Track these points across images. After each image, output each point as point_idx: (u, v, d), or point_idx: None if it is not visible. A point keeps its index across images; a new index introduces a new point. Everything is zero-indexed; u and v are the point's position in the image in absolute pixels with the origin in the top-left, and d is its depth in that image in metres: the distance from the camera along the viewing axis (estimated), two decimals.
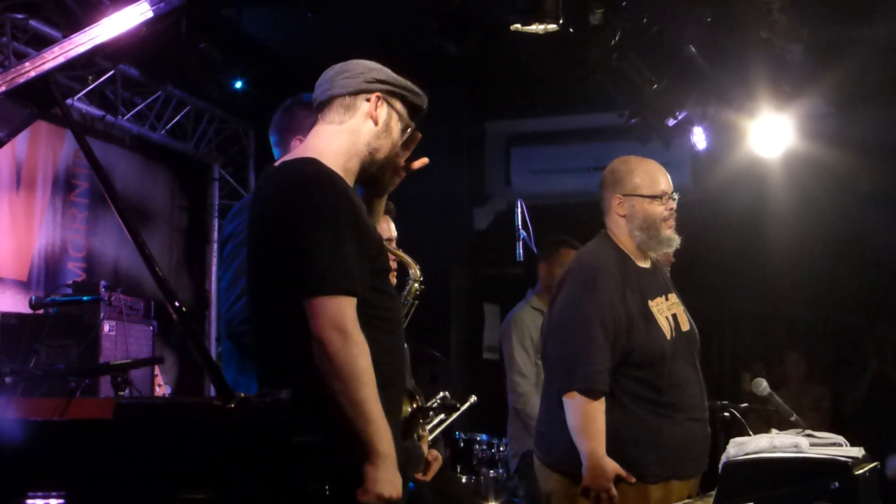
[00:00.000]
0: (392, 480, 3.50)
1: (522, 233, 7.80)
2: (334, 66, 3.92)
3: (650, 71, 8.63)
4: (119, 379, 5.66)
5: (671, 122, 9.12)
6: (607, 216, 5.33)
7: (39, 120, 7.92)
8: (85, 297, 7.50)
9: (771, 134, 9.61)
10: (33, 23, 8.22)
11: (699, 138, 9.97)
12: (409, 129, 3.95)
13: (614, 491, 4.84)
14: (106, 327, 7.49)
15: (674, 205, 5.22)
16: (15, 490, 3.03)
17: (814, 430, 4.72)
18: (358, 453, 3.47)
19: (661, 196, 5.19)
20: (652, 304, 5.14)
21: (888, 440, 8.25)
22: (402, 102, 3.92)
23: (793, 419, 5.20)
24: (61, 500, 2.99)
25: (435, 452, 5.29)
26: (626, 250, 5.23)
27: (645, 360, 5.01)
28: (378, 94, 3.85)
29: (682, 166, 10.19)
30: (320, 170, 3.69)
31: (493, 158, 12.42)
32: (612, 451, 4.90)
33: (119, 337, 7.55)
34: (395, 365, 3.76)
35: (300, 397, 3.09)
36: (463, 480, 8.27)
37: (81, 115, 9.31)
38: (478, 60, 9.29)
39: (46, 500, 2.99)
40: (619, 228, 5.26)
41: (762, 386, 5.35)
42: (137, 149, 10.41)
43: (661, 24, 8.34)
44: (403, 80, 3.93)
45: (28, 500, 2.99)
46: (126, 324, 7.62)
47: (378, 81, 3.86)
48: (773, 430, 4.80)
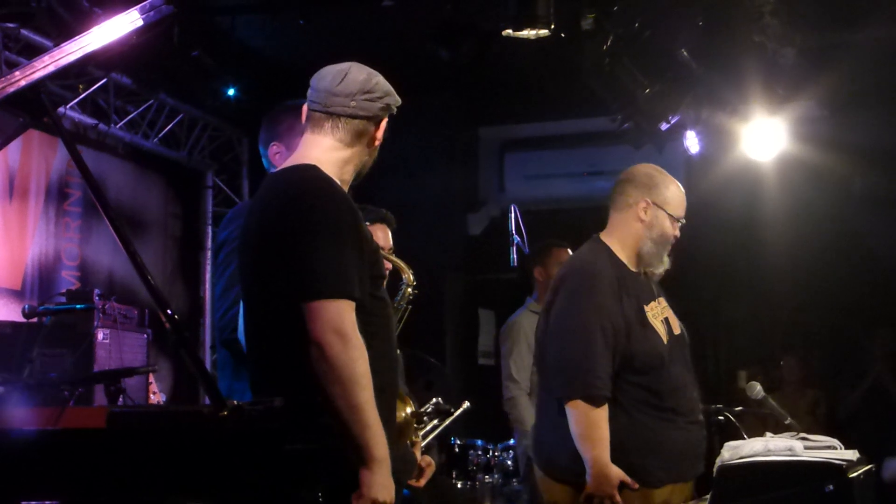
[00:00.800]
0: (387, 485, 3.50)
1: (516, 238, 7.79)
2: (351, 76, 3.84)
3: (643, 75, 8.64)
4: (113, 387, 5.66)
5: (664, 127, 9.12)
6: (620, 212, 5.26)
7: (32, 129, 7.92)
8: (79, 306, 7.49)
9: (764, 138, 9.62)
10: (25, 32, 8.22)
11: (692, 142, 9.97)
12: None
13: (619, 498, 4.82)
14: (100, 336, 7.48)
15: (678, 233, 5.23)
16: (9, 499, 3.03)
17: (808, 433, 4.72)
18: (352, 459, 3.47)
19: (678, 220, 5.20)
20: (647, 308, 5.13)
21: (884, 444, 8.24)
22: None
23: (787, 422, 5.20)
24: None
25: (428, 458, 5.29)
26: (620, 255, 5.20)
27: (645, 366, 5.00)
28: (386, 119, 3.89)
29: (676, 170, 10.10)
30: (320, 176, 3.70)
31: (486, 164, 12.43)
32: (615, 457, 4.89)
33: (113, 345, 7.54)
34: (388, 371, 3.76)
35: (294, 404, 3.09)
36: (458, 486, 8.26)
37: (74, 124, 9.30)
38: (471, 66, 9.30)
39: None
40: (628, 229, 5.22)
41: (756, 389, 5.35)
42: (130, 157, 10.40)
43: (654, 29, 8.35)
44: (398, 97, 3.93)
45: None
46: (120, 332, 7.62)
47: (389, 107, 3.89)
48: (768, 434, 4.80)
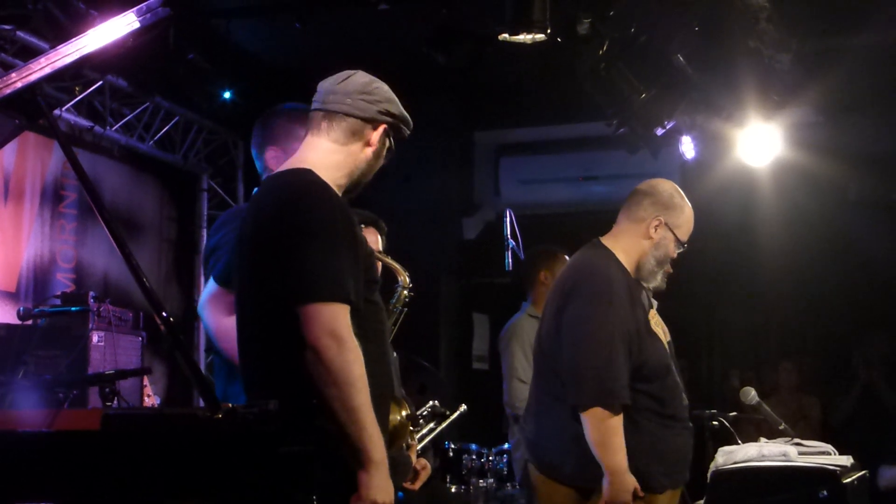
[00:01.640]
0: (385, 487, 3.50)
1: (511, 242, 7.79)
2: (353, 78, 3.91)
3: (638, 80, 8.63)
4: (107, 390, 5.65)
5: (660, 132, 9.11)
6: (631, 221, 5.29)
7: (27, 131, 7.92)
8: (73, 308, 7.49)
9: (759, 143, 9.61)
10: (21, 34, 8.21)
11: (688, 147, 9.97)
12: (391, 154, 3.99)
13: None
14: (95, 338, 7.48)
15: (675, 257, 5.26)
16: (3, 501, 3.03)
17: (802, 439, 4.73)
18: (349, 461, 3.48)
19: (683, 244, 5.24)
20: (649, 316, 5.17)
21: (877, 450, 8.26)
22: (396, 133, 3.96)
23: (781, 428, 5.20)
24: None
25: (423, 461, 5.30)
26: (622, 261, 5.22)
27: (653, 374, 5.02)
28: (385, 126, 3.89)
29: (671, 175, 10.08)
30: (317, 180, 3.71)
31: (481, 168, 12.44)
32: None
33: (108, 348, 7.54)
34: (383, 375, 3.76)
35: (288, 407, 3.09)
36: (452, 490, 8.27)
37: (69, 126, 9.29)
38: (467, 70, 9.31)
39: None
40: (635, 241, 5.24)
41: (751, 395, 5.36)
42: (126, 160, 10.40)
43: (649, 34, 8.35)
44: (405, 114, 3.97)
45: None
46: (115, 334, 7.62)
47: (389, 114, 3.90)
48: (762, 439, 4.81)
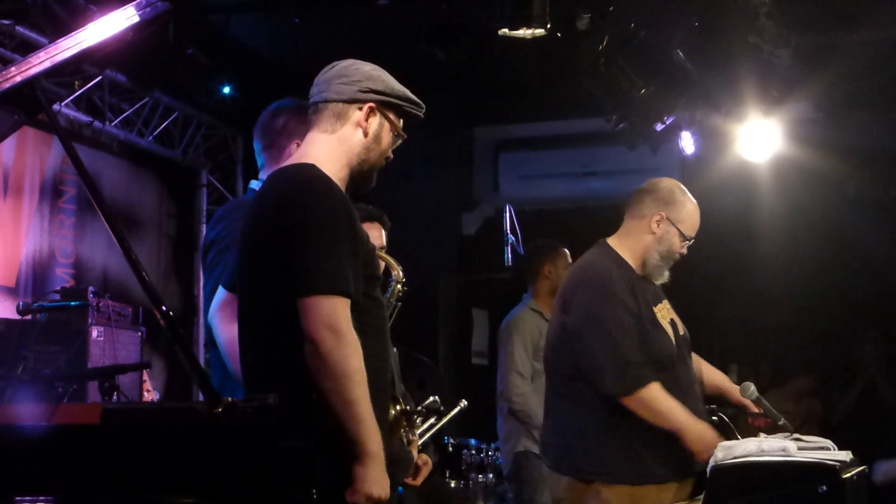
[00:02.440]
0: (381, 480, 3.51)
1: (511, 238, 7.79)
2: (337, 66, 3.91)
3: (638, 76, 8.64)
4: (106, 384, 5.65)
5: (659, 127, 9.12)
6: (634, 219, 5.37)
7: (26, 126, 7.91)
8: (73, 303, 7.48)
9: (759, 139, 9.62)
10: (20, 29, 8.20)
11: (687, 143, 9.98)
12: (401, 138, 3.96)
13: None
14: (94, 333, 7.47)
15: (685, 252, 5.32)
16: (2, 495, 3.03)
17: (802, 434, 4.73)
18: (346, 454, 3.48)
19: (688, 239, 5.30)
20: (655, 310, 5.23)
21: (876, 446, 8.25)
22: (397, 112, 3.92)
23: (781, 423, 5.21)
24: None
25: (425, 457, 5.29)
26: (627, 258, 5.31)
27: (658, 365, 5.08)
28: (371, 105, 3.85)
29: (670, 171, 10.16)
30: (319, 175, 3.70)
31: (481, 164, 12.44)
32: (624, 453, 5.01)
33: (107, 343, 7.53)
34: (382, 370, 3.76)
35: (287, 401, 3.09)
36: (451, 485, 8.28)
37: (69, 121, 9.30)
38: (466, 66, 9.31)
39: None
40: (639, 238, 5.32)
41: (750, 390, 5.35)
42: (125, 155, 10.40)
43: (649, 29, 8.35)
44: (400, 90, 3.92)
45: None
46: (114, 329, 7.61)
47: (372, 91, 3.85)
48: (762, 434, 4.81)
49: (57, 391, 5.58)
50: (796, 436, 4.68)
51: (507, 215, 7.82)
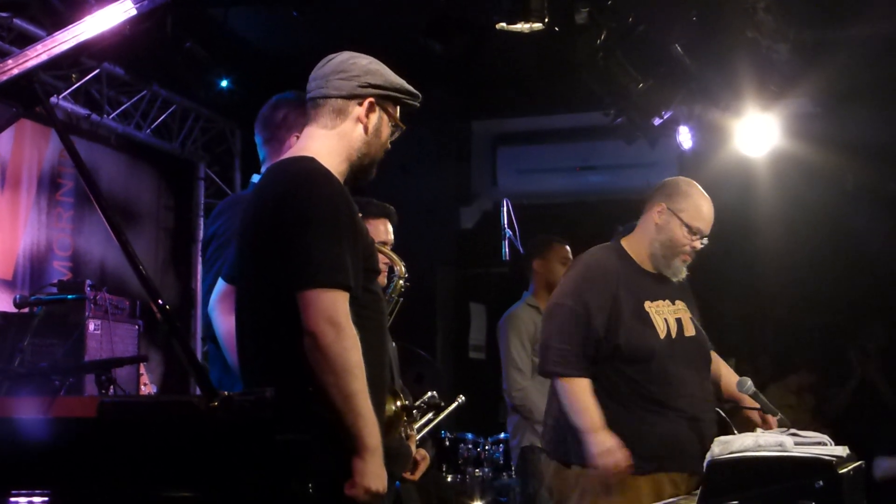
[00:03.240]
0: (379, 474, 3.52)
1: (508, 232, 7.81)
2: (333, 60, 3.89)
3: (636, 70, 8.64)
4: (103, 378, 5.66)
5: (657, 122, 9.12)
6: (644, 216, 5.43)
7: (24, 119, 7.91)
8: (70, 296, 7.48)
9: (757, 133, 9.62)
10: (18, 21, 8.19)
11: (685, 137, 9.98)
12: (400, 129, 3.95)
13: (623, 461, 4.98)
14: (91, 326, 7.48)
15: (699, 246, 5.37)
16: None
17: (799, 429, 4.72)
18: (344, 448, 3.49)
19: (694, 231, 5.31)
20: (651, 304, 5.29)
21: (874, 441, 8.26)
22: (395, 104, 3.92)
23: (778, 418, 5.21)
24: (45, 499, 2.98)
25: (423, 452, 5.31)
26: (633, 253, 5.39)
27: (633, 357, 5.17)
28: (371, 100, 3.84)
29: (668, 166, 10.20)
30: (318, 168, 3.70)
31: (479, 158, 12.44)
32: None
33: (104, 336, 7.54)
34: (380, 364, 3.76)
35: (285, 394, 3.09)
36: (448, 480, 8.28)
37: (66, 114, 9.29)
38: (464, 60, 9.30)
39: (30, 499, 2.98)
40: (644, 230, 5.39)
41: (747, 385, 5.35)
42: (123, 148, 10.39)
43: (647, 24, 8.35)
44: (398, 83, 3.91)
45: (12, 499, 2.98)
46: (111, 323, 7.61)
47: (371, 86, 3.84)
48: (758, 429, 4.81)
49: (54, 384, 5.58)
50: (793, 431, 4.68)
51: (505, 209, 7.83)
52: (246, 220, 3.83)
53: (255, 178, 4.84)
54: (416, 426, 5.62)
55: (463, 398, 6.90)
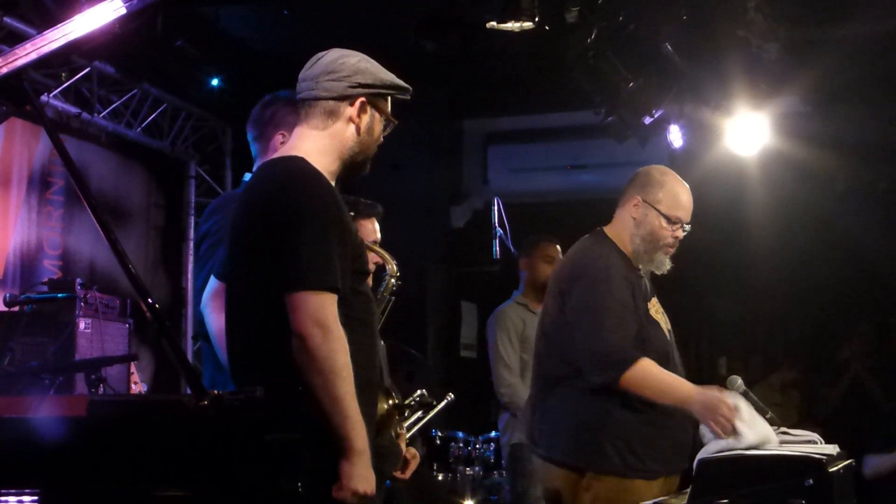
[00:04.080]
0: (367, 476, 3.51)
1: (499, 231, 7.82)
2: (321, 60, 3.86)
3: (626, 69, 8.64)
4: (93, 376, 5.65)
5: (647, 120, 9.12)
6: (619, 209, 5.29)
7: (14, 117, 7.90)
8: (60, 295, 7.48)
9: (747, 132, 9.62)
10: (7, 20, 8.17)
11: (675, 136, 9.98)
12: (392, 124, 3.94)
13: (729, 404, 4.74)
14: (81, 325, 7.47)
15: (681, 235, 5.21)
16: None
17: (788, 426, 4.73)
18: (333, 449, 3.48)
19: (674, 221, 5.17)
20: (650, 305, 5.19)
21: (863, 440, 8.28)
22: (386, 99, 3.91)
23: (768, 416, 5.21)
24: (35, 498, 2.97)
25: (413, 450, 5.30)
26: (621, 248, 5.22)
27: (654, 359, 5.00)
28: (362, 100, 3.83)
29: (659, 164, 10.19)
30: (308, 168, 3.69)
31: (470, 157, 12.44)
32: (618, 447, 4.95)
33: (95, 334, 7.53)
34: (370, 365, 3.76)
35: (274, 394, 3.08)
36: (439, 478, 8.28)
37: (57, 113, 9.27)
38: (455, 59, 9.31)
39: (20, 498, 2.98)
40: (624, 228, 5.23)
41: (738, 383, 5.35)
42: (113, 146, 10.38)
43: (638, 22, 8.36)
44: (388, 79, 3.89)
45: (1, 499, 2.98)
46: (102, 321, 7.61)
47: (362, 86, 3.82)
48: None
49: (44, 383, 5.58)
50: (783, 429, 4.68)
51: (496, 208, 7.84)
52: (236, 219, 3.83)
53: (247, 176, 4.84)
54: (406, 425, 5.62)
55: (452, 396, 6.91)
